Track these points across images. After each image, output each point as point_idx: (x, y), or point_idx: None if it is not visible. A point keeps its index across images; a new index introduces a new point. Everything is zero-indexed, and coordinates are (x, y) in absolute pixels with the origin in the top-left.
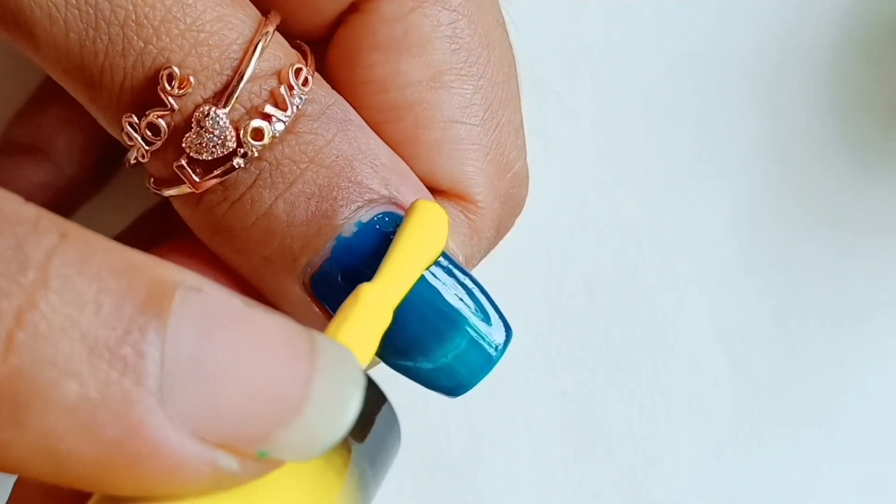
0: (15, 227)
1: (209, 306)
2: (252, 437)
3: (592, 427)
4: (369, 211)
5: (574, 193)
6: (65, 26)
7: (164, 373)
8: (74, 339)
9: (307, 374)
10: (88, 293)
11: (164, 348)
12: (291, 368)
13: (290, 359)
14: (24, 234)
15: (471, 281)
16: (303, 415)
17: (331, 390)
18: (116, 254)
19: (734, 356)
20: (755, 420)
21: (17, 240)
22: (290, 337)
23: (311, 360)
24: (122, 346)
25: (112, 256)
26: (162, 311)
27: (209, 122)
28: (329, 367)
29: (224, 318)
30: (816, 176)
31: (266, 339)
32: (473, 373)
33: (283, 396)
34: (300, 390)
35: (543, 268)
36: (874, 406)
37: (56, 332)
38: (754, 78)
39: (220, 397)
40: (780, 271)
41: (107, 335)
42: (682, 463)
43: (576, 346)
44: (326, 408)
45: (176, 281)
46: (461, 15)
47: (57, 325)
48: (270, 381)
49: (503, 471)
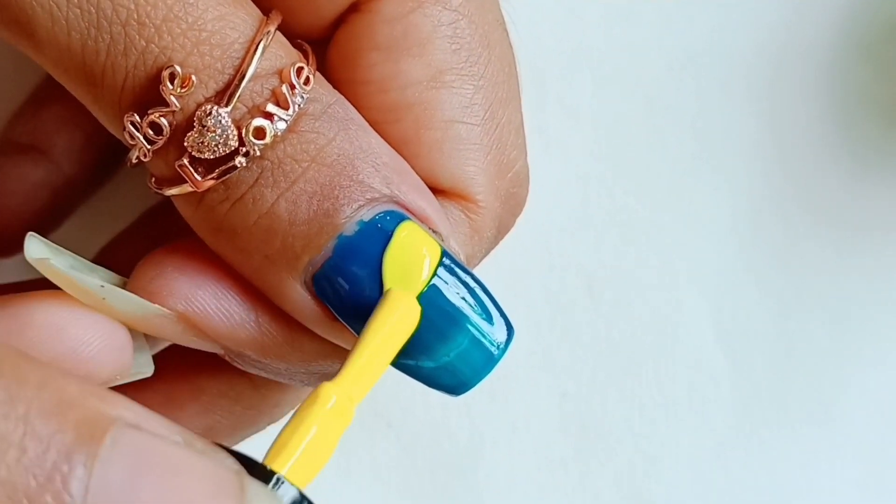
0: None
1: (140, 449)
2: None
3: (592, 427)
4: (371, 210)
5: (574, 193)
6: (66, 25)
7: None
8: (3, 485)
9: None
10: (14, 437)
11: (88, 496)
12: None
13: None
14: None
15: (473, 280)
16: None
17: None
18: (49, 391)
19: (734, 356)
20: (755, 420)
21: None
22: (220, 484)
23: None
24: (42, 495)
25: (44, 394)
26: (89, 454)
27: (211, 121)
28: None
29: (154, 462)
30: (816, 176)
31: (195, 486)
32: (475, 371)
33: None
34: None
35: (544, 267)
36: (874, 406)
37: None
38: (754, 77)
39: None
40: (780, 271)
41: (27, 483)
42: (682, 463)
43: (576, 346)
44: None
45: (110, 418)
46: (461, 15)
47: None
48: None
49: (503, 471)
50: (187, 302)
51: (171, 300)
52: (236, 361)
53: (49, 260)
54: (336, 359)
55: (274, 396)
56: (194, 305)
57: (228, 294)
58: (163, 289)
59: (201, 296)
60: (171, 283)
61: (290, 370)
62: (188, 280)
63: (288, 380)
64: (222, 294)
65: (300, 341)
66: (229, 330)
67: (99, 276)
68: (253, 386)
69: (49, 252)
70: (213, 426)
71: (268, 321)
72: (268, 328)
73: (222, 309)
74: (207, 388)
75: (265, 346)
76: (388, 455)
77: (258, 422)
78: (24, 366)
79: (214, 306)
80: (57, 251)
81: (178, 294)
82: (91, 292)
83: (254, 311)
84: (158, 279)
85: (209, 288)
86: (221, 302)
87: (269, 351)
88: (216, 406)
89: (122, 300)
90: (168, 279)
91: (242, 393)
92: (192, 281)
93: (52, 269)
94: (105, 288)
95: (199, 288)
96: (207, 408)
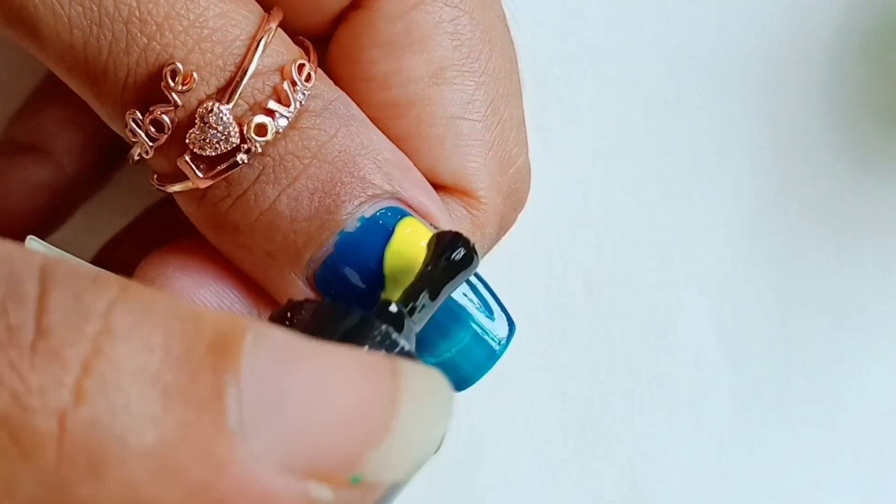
0: (73, 281)
1: (281, 344)
2: (342, 463)
3: (592, 427)
4: (372, 206)
5: (575, 192)
6: (68, 23)
7: (243, 409)
8: (146, 383)
9: (392, 393)
10: (155, 339)
11: (241, 385)
12: (375, 389)
13: (372, 381)
14: (82, 287)
15: (474, 276)
16: (392, 433)
17: (419, 406)
18: (180, 303)
19: (734, 356)
20: (755, 420)
21: (76, 292)
22: (369, 362)
23: (395, 379)
24: (196, 386)
25: (176, 305)
26: (233, 349)
27: (213, 118)
28: (414, 384)
29: (299, 351)
30: (816, 176)
31: (344, 366)
32: (477, 367)
33: (369, 417)
34: (386, 409)
35: (544, 267)
36: (874, 406)
37: (126, 379)
38: (754, 78)
39: (304, 427)
40: (781, 271)
41: (179, 378)
42: (682, 463)
43: (576, 346)
44: (416, 424)
45: (244, 324)
46: (462, 11)
47: (126, 372)
48: (354, 404)
49: (503, 471)
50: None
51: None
52: None
53: None
54: None
55: None
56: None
57: (230, 292)
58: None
59: (203, 294)
60: (172, 282)
61: None
62: (190, 279)
63: None
64: (224, 292)
65: None
66: None
67: None
68: None
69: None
70: None
71: None
72: None
73: (224, 307)
74: None
75: None
76: None
77: None
78: (152, 289)
79: (216, 304)
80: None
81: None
82: None
83: (255, 308)
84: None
85: (211, 286)
86: (223, 300)
87: None
88: None
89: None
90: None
91: None
92: (193, 279)
93: None
94: None
95: (200, 287)
96: None
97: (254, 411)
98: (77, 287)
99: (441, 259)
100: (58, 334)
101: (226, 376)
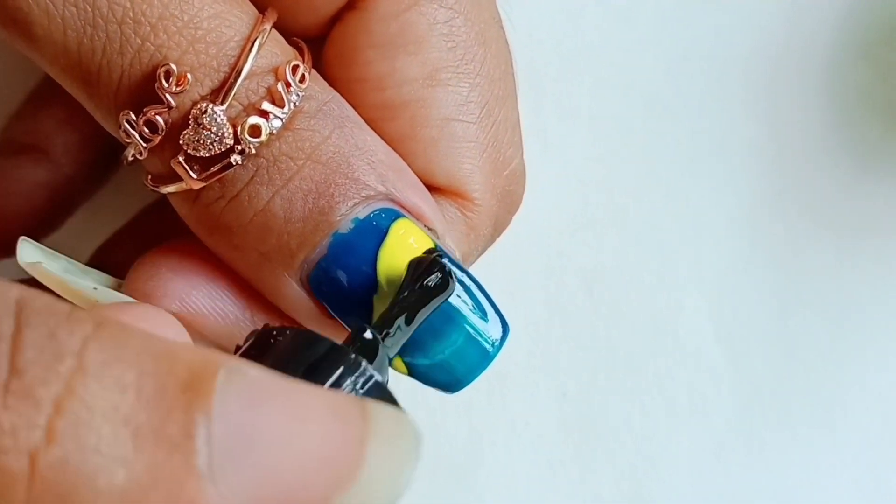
0: (47, 318)
1: (253, 382)
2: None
3: (592, 427)
4: (366, 207)
5: (574, 193)
6: (62, 24)
7: (213, 450)
8: (117, 423)
9: (361, 436)
10: (128, 377)
11: (212, 425)
12: (343, 433)
13: (341, 423)
14: (56, 324)
15: (468, 278)
16: (360, 477)
17: (387, 451)
18: (154, 340)
19: (734, 356)
20: (755, 420)
21: (50, 329)
22: (339, 404)
23: (364, 422)
24: (167, 426)
25: (150, 342)
26: (205, 389)
27: (207, 119)
28: (383, 427)
29: (270, 391)
30: (816, 176)
31: (314, 407)
32: (470, 368)
33: (338, 461)
34: (355, 454)
35: (543, 267)
36: (874, 406)
37: (97, 419)
38: (754, 78)
39: (273, 469)
40: (781, 271)
41: (151, 417)
42: (682, 463)
43: (576, 346)
44: (384, 468)
45: (217, 362)
46: (457, 13)
47: (98, 411)
48: (322, 447)
49: (503, 471)
50: (182, 302)
51: (165, 301)
52: None
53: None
54: None
55: None
56: (189, 306)
57: (223, 294)
58: (158, 290)
59: (196, 296)
60: (165, 284)
61: None
62: (183, 280)
63: None
64: (217, 294)
65: None
66: (224, 329)
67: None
68: None
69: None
70: None
71: (263, 320)
72: None
73: (217, 309)
74: None
75: None
76: None
77: None
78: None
79: (209, 306)
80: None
81: (173, 295)
82: (84, 295)
83: (248, 310)
84: (153, 280)
85: (204, 288)
86: (216, 302)
87: None
88: None
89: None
90: (163, 280)
91: None
92: (186, 281)
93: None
94: (98, 290)
95: (193, 288)
96: None
97: (223, 453)
98: (51, 324)
99: (416, 285)
100: (31, 373)
101: (196, 416)
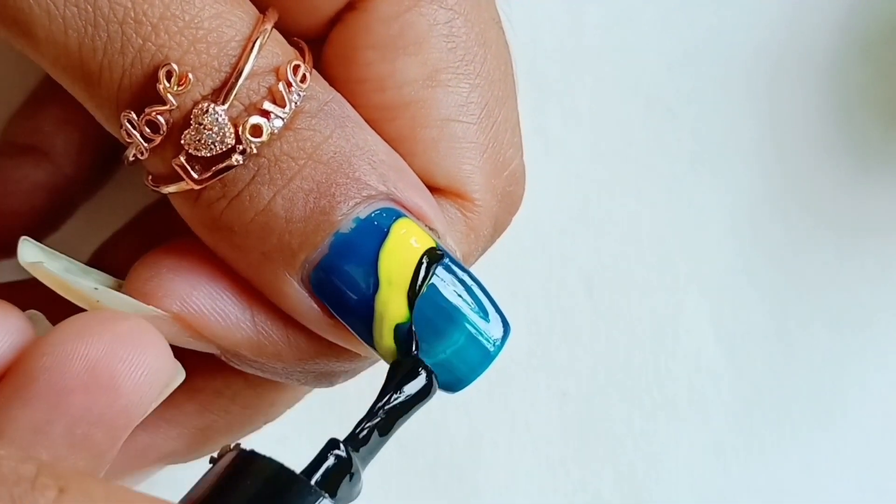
0: (12, 487)
1: None
2: None
3: (592, 427)
4: (367, 207)
5: (574, 193)
6: (63, 24)
7: None
8: None
9: None
10: None
11: None
12: None
13: None
14: (22, 493)
15: (469, 277)
16: None
17: None
18: (120, 498)
19: (734, 356)
20: (755, 420)
21: (13, 498)
22: None
23: None
24: None
25: (114, 497)
26: None
27: (208, 119)
28: None
29: None
30: (816, 176)
31: None
32: (471, 368)
33: None
34: None
35: (543, 268)
36: (874, 406)
37: None
38: (754, 78)
39: None
40: (780, 271)
41: None
42: (682, 463)
43: (576, 347)
44: None
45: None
46: (457, 13)
47: None
48: None
49: (503, 471)
50: (183, 302)
51: (166, 301)
52: (232, 361)
53: (42, 263)
54: (333, 357)
55: (270, 396)
56: (190, 306)
57: (224, 294)
58: (158, 290)
59: (196, 296)
60: (166, 284)
61: (286, 369)
62: (183, 280)
63: (284, 379)
64: (218, 294)
65: (296, 340)
66: (225, 330)
67: (93, 278)
68: (249, 385)
69: (42, 255)
70: (209, 425)
71: (264, 320)
72: (264, 327)
73: (218, 309)
74: (204, 388)
75: (261, 345)
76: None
77: (255, 421)
78: (90, 484)
79: (210, 306)
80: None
81: (174, 295)
82: (85, 295)
83: (249, 310)
84: (154, 280)
85: (204, 288)
86: (217, 302)
87: (266, 350)
88: (212, 405)
89: (116, 302)
90: (163, 280)
91: (239, 392)
92: (187, 281)
93: (45, 273)
94: (99, 290)
95: (194, 288)
96: (204, 407)
97: None
98: (16, 492)
99: (397, 392)
100: None
101: None
